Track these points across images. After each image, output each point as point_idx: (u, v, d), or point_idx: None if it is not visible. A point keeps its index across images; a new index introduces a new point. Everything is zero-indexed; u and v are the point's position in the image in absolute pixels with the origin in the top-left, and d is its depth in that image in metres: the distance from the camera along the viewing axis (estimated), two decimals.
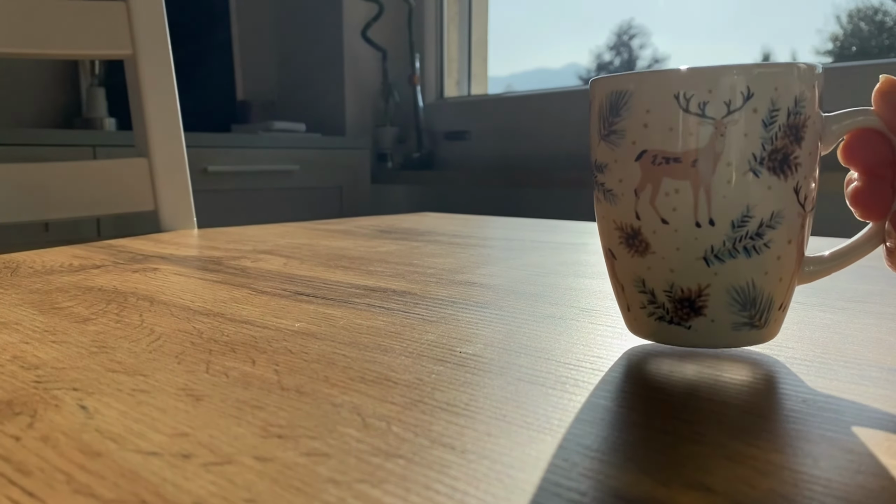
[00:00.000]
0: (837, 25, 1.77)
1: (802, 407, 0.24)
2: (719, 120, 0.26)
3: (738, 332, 0.28)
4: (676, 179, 0.27)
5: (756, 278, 0.28)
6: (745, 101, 0.26)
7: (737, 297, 0.28)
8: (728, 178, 0.27)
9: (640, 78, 0.27)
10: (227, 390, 0.25)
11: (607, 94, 0.28)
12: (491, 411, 0.23)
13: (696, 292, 0.28)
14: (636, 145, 0.28)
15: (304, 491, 0.18)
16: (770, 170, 0.27)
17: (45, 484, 0.18)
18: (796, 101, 0.27)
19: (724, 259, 0.27)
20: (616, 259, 0.30)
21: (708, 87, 0.26)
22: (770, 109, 0.26)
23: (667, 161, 0.27)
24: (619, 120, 0.28)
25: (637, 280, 0.29)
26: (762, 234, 0.27)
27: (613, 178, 0.29)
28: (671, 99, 0.27)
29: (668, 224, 0.27)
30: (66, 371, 0.27)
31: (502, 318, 0.36)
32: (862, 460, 0.20)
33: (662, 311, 0.28)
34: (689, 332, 0.28)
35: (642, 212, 0.28)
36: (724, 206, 0.27)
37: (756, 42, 2.01)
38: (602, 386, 0.26)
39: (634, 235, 0.28)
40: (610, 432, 0.22)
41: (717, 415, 0.23)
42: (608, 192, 0.29)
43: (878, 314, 0.37)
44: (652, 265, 0.28)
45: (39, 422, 0.22)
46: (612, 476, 0.19)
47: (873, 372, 0.27)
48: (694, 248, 0.27)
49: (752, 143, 0.26)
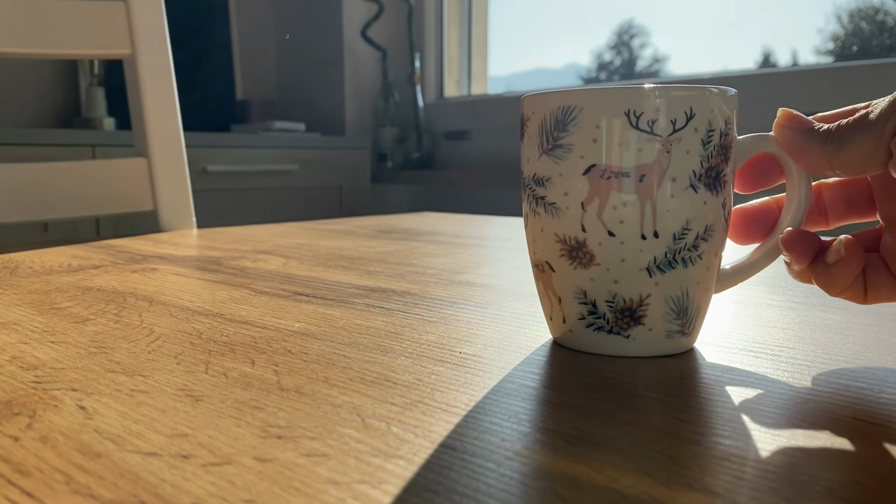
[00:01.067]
0: (838, 25, 1.77)
1: (804, 408, 0.24)
2: (666, 137, 0.27)
3: (671, 339, 0.29)
4: (624, 193, 0.28)
5: (690, 288, 0.29)
6: (687, 120, 0.27)
7: (673, 307, 0.29)
8: (672, 192, 0.28)
9: (591, 94, 0.28)
10: (226, 391, 0.25)
11: (551, 110, 0.28)
12: (491, 412, 0.23)
13: (637, 302, 0.29)
14: (584, 159, 0.28)
15: (303, 492, 0.18)
16: (706, 186, 0.28)
17: (44, 484, 0.18)
18: (726, 122, 0.29)
19: (664, 270, 0.28)
20: (554, 272, 0.30)
21: (656, 106, 0.27)
22: (707, 129, 0.28)
23: (616, 175, 0.28)
24: (565, 135, 0.28)
25: (578, 292, 0.29)
26: (697, 246, 0.29)
27: (557, 191, 0.29)
28: (622, 116, 0.27)
29: (615, 236, 0.28)
30: (65, 371, 0.27)
31: (502, 318, 0.36)
32: (863, 461, 0.20)
33: (602, 322, 0.29)
34: (627, 341, 0.29)
35: (588, 224, 0.28)
36: (667, 220, 0.28)
37: (756, 41, 2.00)
38: (602, 386, 0.26)
39: (578, 248, 0.29)
40: (610, 433, 0.22)
41: (717, 416, 0.23)
42: (550, 205, 0.29)
43: (879, 314, 0.36)
44: (595, 276, 0.29)
45: (38, 422, 0.22)
46: (613, 478, 0.19)
47: (875, 373, 0.27)
48: (638, 259, 0.28)
49: (692, 161, 0.28)
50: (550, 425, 0.22)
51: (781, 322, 0.35)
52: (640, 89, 0.27)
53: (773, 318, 0.36)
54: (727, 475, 0.19)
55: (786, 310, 0.38)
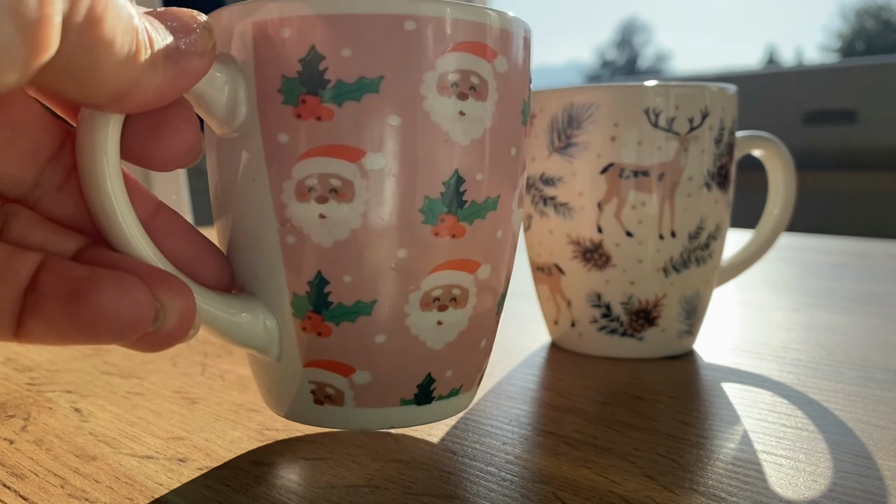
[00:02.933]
0: (843, 22, 1.76)
1: (809, 410, 0.23)
2: (684, 135, 0.27)
3: (681, 339, 0.29)
4: (644, 193, 0.27)
5: (701, 287, 0.29)
6: (703, 118, 0.27)
7: (684, 307, 0.29)
8: (689, 191, 0.27)
9: (609, 91, 0.27)
10: (222, 393, 0.25)
11: (564, 107, 0.28)
12: (492, 415, 0.23)
13: (653, 303, 0.28)
14: (602, 158, 0.27)
15: (302, 495, 0.18)
16: (717, 184, 0.28)
17: (39, 488, 0.18)
18: (733, 121, 0.28)
19: (679, 270, 0.28)
20: (564, 274, 0.29)
21: (675, 104, 0.27)
22: (720, 128, 0.28)
23: (634, 174, 0.27)
24: (580, 132, 0.28)
25: (591, 294, 0.29)
26: (709, 245, 0.28)
27: (571, 191, 0.28)
28: (641, 114, 0.27)
29: (633, 237, 0.27)
30: (59, 373, 0.27)
31: (502, 320, 0.36)
32: (868, 464, 0.19)
33: (616, 324, 0.29)
34: (640, 343, 0.29)
35: (605, 225, 0.28)
36: (684, 219, 0.28)
37: (760, 39, 2.00)
38: (605, 388, 0.26)
39: (594, 249, 0.28)
40: (613, 436, 0.21)
41: (722, 419, 0.23)
42: (561, 205, 0.28)
43: (885, 315, 0.36)
44: (611, 278, 0.28)
45: (33, 425, 0.22)
46: (616, 482, 0.18)
47: (880, 374, 0.27)
48: (655, 259, 0.28)
49: (707, 159, 0.28)
50: (552, 428, 0.22)
51: (786, 323, 0.35)
52: (659, 86, 0.27)
53: (778, 320, 0.36)
54: (731, 479, 0.19)
55: (790, 311, 0.37)
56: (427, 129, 0.17)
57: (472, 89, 0.17)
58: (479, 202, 0.18)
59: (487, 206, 0.18)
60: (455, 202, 0.17)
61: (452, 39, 0.17)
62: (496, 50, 0.17)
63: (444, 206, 0.17)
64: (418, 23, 0.16)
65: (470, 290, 0.18)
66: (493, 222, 0.18)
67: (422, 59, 0.16)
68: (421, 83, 0.16)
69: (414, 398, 0.18)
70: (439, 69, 0.17)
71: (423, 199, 0.17)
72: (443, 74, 0.17)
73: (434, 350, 0.18)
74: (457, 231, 0.18)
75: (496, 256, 0.19)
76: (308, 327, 0.17)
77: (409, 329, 0.18)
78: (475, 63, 0.17)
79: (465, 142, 0.17)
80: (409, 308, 0.17)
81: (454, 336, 0.18)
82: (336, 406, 0.18)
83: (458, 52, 0.17)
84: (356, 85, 0.16)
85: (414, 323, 0.18)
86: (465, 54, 0.17)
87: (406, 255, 0.17)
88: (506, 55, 0.18)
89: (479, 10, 0.17)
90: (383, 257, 0.17)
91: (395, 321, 0.17)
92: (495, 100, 0.18)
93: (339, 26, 0.16)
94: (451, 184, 0.17)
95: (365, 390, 0.18)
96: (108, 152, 0.15)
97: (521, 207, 0.20)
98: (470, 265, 0.18)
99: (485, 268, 0.18)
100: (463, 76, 0.17)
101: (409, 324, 0.18)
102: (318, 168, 0.16)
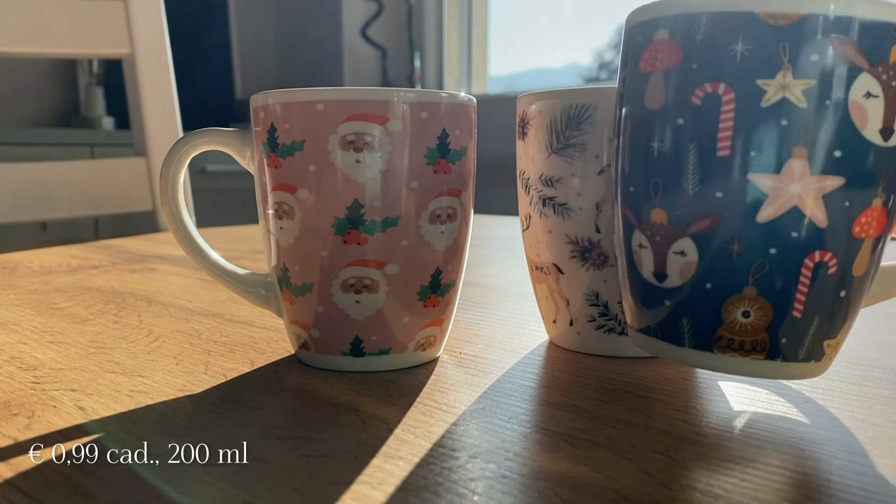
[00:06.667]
0: None
1: (805, 408, 0.24)
2: None
3: None
4: None
5: None
6: None
7: None
8: None
9: (607, 93, 0.27)
10: (225, 391, 0.25)
11: (563, 108, 0.28)
12: (491, 413, 0.23)
13: None
14: (599, 159, 0.28)
15: (303, 492, 0.18)
16: None
17: (43, 485, 0.18)
18: None
19: None
20: (563, 274, 0.29)
21: None
22: None
23: None
24: (578, 134, 0.28)
25: (589, 293, 0.29)
26: None
27: (569, 191, 0.28)
28: None
29: None
30: (64, 372, 0.27)
31: (502, 319, 0.36)
32: (864, 461, 0.20)
33: (613, 323, 0.29)
34: None
35: (604, 225, 0.28)
36: None
37: None
38: (603, 386, 0.26)
39: (592, 249, 0.28)
40: (611, 434, 0.22)
41: (718, 416, 0.23)
42: (560, 206, 0.29)
43: (882, 315, 0.36)
44: (609, 277, 0.28)
45: (37, 423, 0.22)
46: (614, 479, 0.19)
47: (876, 372, 0.27)
48: None
49: None
50: (551, 426, 0.22)
51: None
52: None
53: None
54: (729, 476, 0.19)
55: None
56: (332, 172, 0.25)
57: (365, 144, 0.25)
58: (378, 220, 0.26)
59: (387, 223, 0.26)
60: (357, 220, 0.26)
61: (348, 112, 0.25)
62: (388, 116, 0.25)
63: (348, 223, 0.26)
64: (325, 105, 0.25)
65: (380, 281, 0.26)
66: (395, 234, 0.26)
67: (326, 127, 0.25)
68: (327, 142, 0.25)
69: (349, 351, 0.27)
70: (340, 133, 0.25)
71: (333, 218, 0.26)
72: (343, 136, 0.25)
73: (356, 320, 0.27)
74: (360, 240, 0.26)
75: (403, 258, 0.26)
76: (286, 297, 0.28)
77: (336, 304, 0.27)
78: (368, 127, 0.25)
79: (362, 180, 0.25)
80: (334, 290, 0.26)
81: (373, 312, 0.27)
82: (305, 350, 0.28)
83: (353, 121, 0.25)
84: (291, 146, 0.26)
85: (339, 301, 0.27)
86: (358, 122, 0.25)
87: (327, 254, 0.26)
88: (399, 119, 0.25)
89: (378, 91, 0.25)
90: (314, 253, 0.26)
91: (327, 299, 0.27)
92: (389, 150, 0.25)
93: (283, 110, 0.26)
94: (353, 208, 0.25)
95: (318, 342, 0.27)
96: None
97: (439, 223, 0.27)
98: (377, 264, 0.26)
99: (392, 266, 0.26)
100: (358, 136, 0.25)
101: (336, 300, 0.27)
102: (277, 198, 0.27)
